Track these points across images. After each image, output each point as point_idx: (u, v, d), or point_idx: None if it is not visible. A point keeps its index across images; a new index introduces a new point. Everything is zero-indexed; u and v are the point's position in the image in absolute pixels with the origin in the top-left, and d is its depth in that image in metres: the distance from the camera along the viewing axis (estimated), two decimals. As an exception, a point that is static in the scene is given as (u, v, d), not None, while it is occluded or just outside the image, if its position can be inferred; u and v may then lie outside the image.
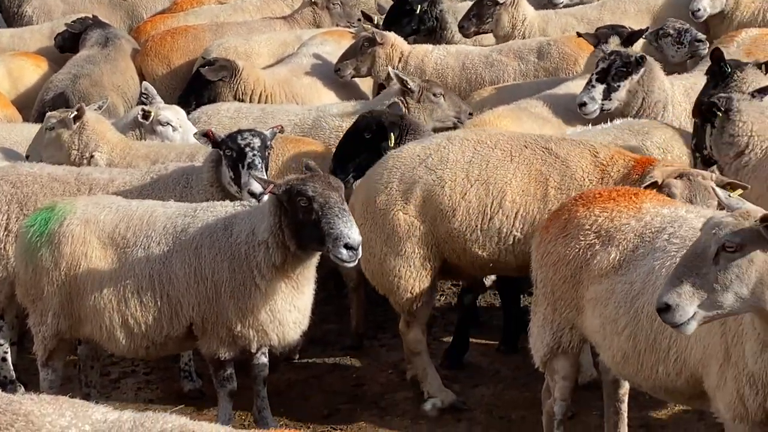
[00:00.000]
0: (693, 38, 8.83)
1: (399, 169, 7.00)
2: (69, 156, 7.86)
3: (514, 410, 6.98)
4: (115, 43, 10.71)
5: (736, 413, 4.96)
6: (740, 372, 4.88)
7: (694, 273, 4.53)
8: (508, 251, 6.82)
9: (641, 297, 5.33)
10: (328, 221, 5.93)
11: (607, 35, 8.81)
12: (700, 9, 9.93)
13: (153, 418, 3.97)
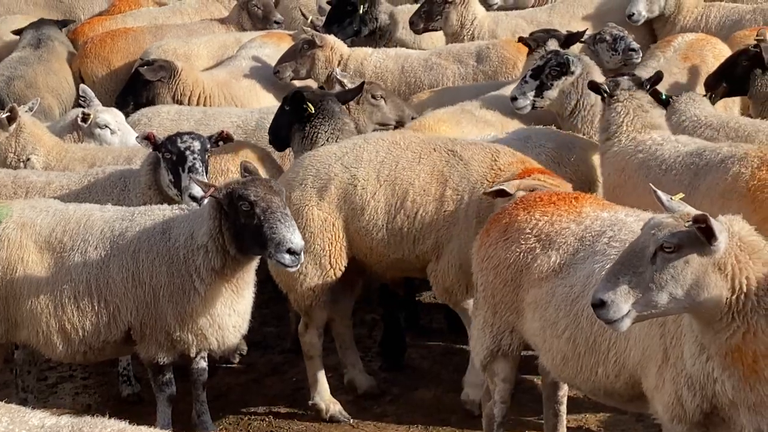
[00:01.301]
0: (627, 47, 8.93)
1: (314, 167, 7.07)
2: (5, 159, 7.79)
3: (454, 414, 7.00)
4: (48, 45, 10.65)
5: (674, 414, 4.99)
6: (678, 373, 4.91)
7: (631, 271, 4.56)
8: (411, 251, 6.88)
9: (581, 300, 5.35)
10: (271, 226, 5.92)
11: (544, 39, 8.89)
12: (634, 13, 10.11)
13: (91, 422, 3.92)
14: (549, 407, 6.34)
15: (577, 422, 6.80)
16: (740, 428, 4.83)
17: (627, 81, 7.33)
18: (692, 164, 6.74)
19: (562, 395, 6.31)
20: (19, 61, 10.43)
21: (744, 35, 9.07)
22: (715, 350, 4.68)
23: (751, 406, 4.73)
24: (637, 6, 10.11)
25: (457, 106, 8.45)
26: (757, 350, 4.65)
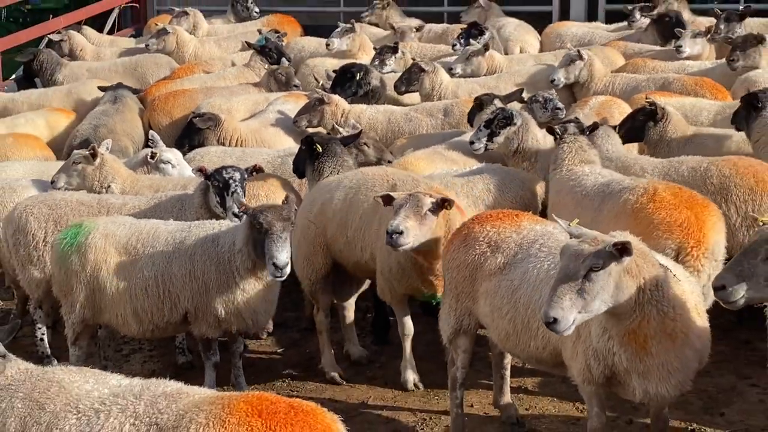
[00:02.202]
0: (554, 106, 9.03)
1: (317, 190, 7.22)
2: (91, 186, 7.80)
3: (427, 376, 7.00)
4: (123, 101, 10.62)
5: (585, 378, 5.07)
6: (587, 347, 4.99)
7: (570, 290, 4.52)
8: (361, 257, 6.89)
9: (519, 291, 5.43)
10: (267, 244, 5.98)
11: (491, 99, 9.00)
12: (555, 79, 10.29)
13: (156, 383, 4.01)
14: (497, 372, 6.41)
15: (518, 383, 6.85)
16: (632, 389, 4.93)
17: (573, 127, 7.42)
18: (601, 192, 6.83)
19: (507, 363, 6.39)
20: (102, 113, 10.43)
21: (640, 98, 9.19)
22: (616, 332, 4.78)
23: (640, 373, 4.84)
24: (557, 74, 10.32)
25: (430, 149, 8.53)
26: (647, 333, 4.75)
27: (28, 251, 7.14)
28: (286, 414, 3.67)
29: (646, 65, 10.88)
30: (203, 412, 3.69)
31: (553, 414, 6.54)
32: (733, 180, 6.98)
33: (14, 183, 7.94)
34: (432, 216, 6.13)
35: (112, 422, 3.76)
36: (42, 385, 3.99)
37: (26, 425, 3.87)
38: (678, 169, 7.30)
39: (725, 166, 7.10)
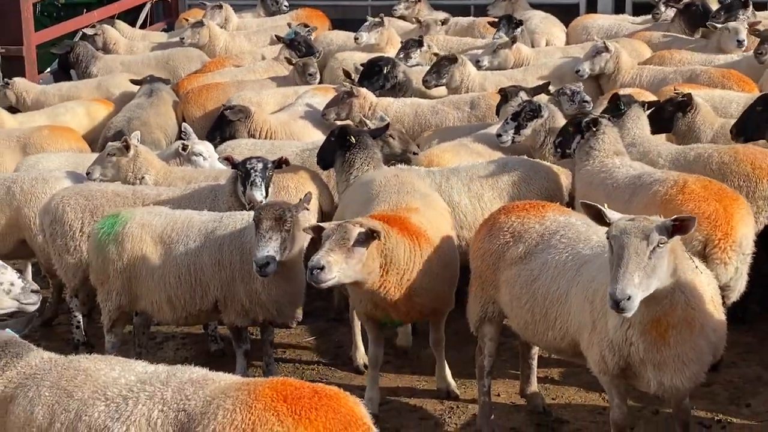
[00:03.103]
0: (581, 99, 8.92)
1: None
2: (125, 177, 7.80)
3: (453, 366, 6.92)
4: (158, 94, 10.64)
5: (600, 368, 5.04)
6: (602, 339, 4.94)
7: (639, 267, 4.41)
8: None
9: (538, 281, 5.40)
10: (255, 239, 5.99)
11: (516, 91, 8.93)
12: (579, 70, 10.20)
13: (182, 369, 4.00)
14: (524, 362, 6.39)
15: (545, 373, 6.80)
16: (647, 381, 4.88)
17: (607, 119, 7.35)
18: (632, 184, 6.77)
19: (534, 353, 6.37)
20: (136, 106, 10.47)
21: (668, 90, 9.08)
22: (639, 320, 4.69)
23: (656, 364, 4.79)
24: (583, 65, 10.24)
25: (456, 141, 8.48)
26: (670, 321, 4.69)
27: (65, 241, 7.19)
28: (311, 398, 3.68)
29: (673, 57, 10.75)
30: (230, 398, 3.69)
31: (579, 403, 6.50)
32: (730, 166, 7.06)
33: (47, 174, 7.99)
34: (361, 248, 5.55)
35: (141, 409, 3.77)
36: (69, 374, 4.01)
37: (54, 413, 3.88)
38: (687, 155, 7.38)
39: (726, 153, 7.17)
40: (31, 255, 7.92)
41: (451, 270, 6.28)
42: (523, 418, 6.31)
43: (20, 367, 4.07)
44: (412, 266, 5.87)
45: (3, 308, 4.82)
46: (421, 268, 5.91)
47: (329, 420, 3.62)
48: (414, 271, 5.89)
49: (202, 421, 3.64)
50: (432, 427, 6.28)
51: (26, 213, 7.72)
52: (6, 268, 4.93)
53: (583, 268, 5.22)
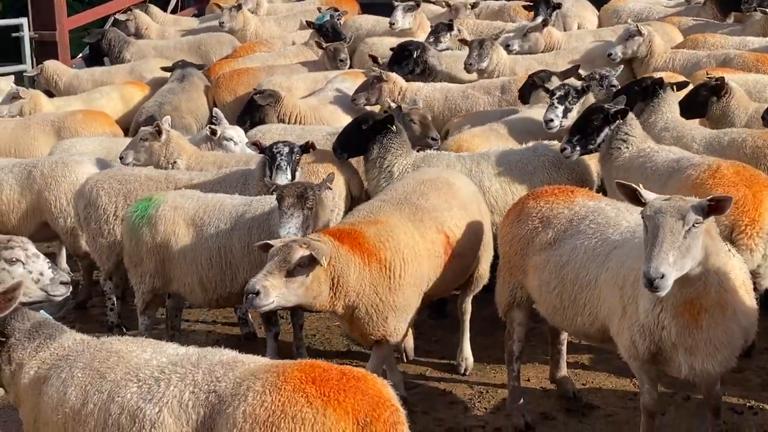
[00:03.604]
0: (609, 84, 8.82)
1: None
2: (157, 161, 7.86)
3: (483, 351, 6.96)
4: (189, 79, 10.72)
5: (630, 354, 5.00)
6: (632, 324, 4.89)
7: (673, 246, 4.37)
8: None
9: (567, 266, 5.36)
10: (277, 216, 6.01)
11: (548, 76, 8.84)
12: (612, 54, 10.12)
13: (212, 351, 4.01)
14: (553, 347, 6.34)
15: (575, 359, 6.78)
16: (678, 365, 4.83)
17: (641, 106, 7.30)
18: (670, 168, 6.71)
19: (563, 338, 6.31)
20: (168, 91, 10.54)
21: (701, 74, 8.96)
22: (672, 302, 4.65)
23: (687, 348, 4.73)
24: (615, 49, 10.17)
25: (486, 126, 8.42)
26: (703, 304, 4.64)
27: (99, 225, 7.25)
28: (339, 380, 3.69)
29: (706, 41, 10.62)
30: (260, 380, 3.70)
31: (610, 389, 6.46)
32: (763, 150, 7.02)
33: (67, 158, 8.08)
34: (304, 271, 5.16)
35: (173, 390, 3.79)
36: (101, 355, 4.03)
37: (87, 394, 3.91)
38: (721, 140, 7.32)
39: (760, 138, 7.11)
40: (55, 237, 8.00)
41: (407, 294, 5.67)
42: (553, 403, 6.28)
43: (53, 349, 4.11)
44: (360, 288, 5.46)
45: (30, 297, 4.85)
46: (369, 289, 5.51)
47: (357, 401, 3.63)
48: (362, 292, 5.48)
49: (233, 403, 3.66)
50: (461, 411, 6.28)
51: (47, 196, 7.84)
52: (38, 257, 4.97)
53: (612, 254, 5.17)
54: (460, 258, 6.07)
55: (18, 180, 7.93)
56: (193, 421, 3.70)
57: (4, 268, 4.88)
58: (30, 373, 4.08)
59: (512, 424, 5.99)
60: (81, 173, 7.80)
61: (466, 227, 6.14)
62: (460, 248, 6.07)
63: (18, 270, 4.91)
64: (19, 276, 4.89)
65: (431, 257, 5.82)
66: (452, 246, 5.99)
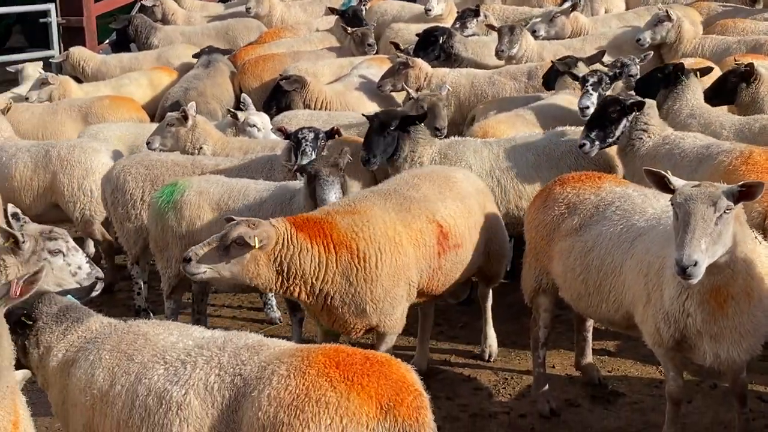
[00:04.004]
0: (628, 73, 8.73)
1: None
2: (184, 147, 7.89)
3: (508, 337, 6.96)
4: (215, 65, 10.75)
5: (654, 341, 4.99)
6: (657, 311, 4.87)
7: (705, 233, 4.32)
8: None
9: (592, 252, 5.34)
10: (316, 189, 6.02)
11: (574, 62, 8.78)
12: (640, 39, 10.06)
13: (238, 335, 4.05)
14: (579, 333, 6.34)
15: (600, 345, 6.76)
16: (703, 353, 4.79)
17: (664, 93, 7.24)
18: (700, 154, 6.63)
19: (589, 325, 6.29)
20: (193, 76, 10.58)
21: (731, 60, 8.87)
22: (698, 289, 4.60)
23: (713, 335, 4.70)
24: (644, 34, 10.08)
25: (512, 112, 8.39)
26: (729, 291, 4.60)
27: (126, 209, 7.31)
28: (362, 365, 3.71)
29: (736, 26, 10.51)
30: (284, 364, 3.73)
31: (636, 376, 6.44)
32: None
33: (84, 143, 8.17)
34: (241, 249, 5.19)
35: (198, 373, 3.82)
36: (128, 338, 4.07)
37: (115, 376, 3.95)
38: (751, 126, 7.22)
39: None
40: (63, 220, 8.06)
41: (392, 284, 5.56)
42: (578, 390, 6.27)
43: (81, 332, 4.16)
44: (324, 277, 5.39)
45: (64, 287, 4.96)
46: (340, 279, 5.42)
47: (381, 385, 3.65)
48: (329, 282, 5.41)
49: (258, 386, 3.68)
50: (485, 397, 6.28)
51: (60, 178, 7.95)
52: (77, 251, 5.11)
53: (637, 241, 5.15)
54: (459, 249, 5.91)
55: (34, 159, 8.06)
56: (218, 404, 3.73)
57: (45, 258, 4.98)
58: (58, 356, 4.13)
59: (537, 410, 5.99)
60: (96, 161, 7.92)
61: (464, 219, 5.96)
62: (458, 239, 5.89)
63: (58, 261, 5.04)
64: (59, 267, 5.04)
65: (419, 246, 5.68)
66: (447, 236, 5.83)
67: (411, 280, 5.67)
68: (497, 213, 6.44)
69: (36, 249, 5.02)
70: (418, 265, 5.70)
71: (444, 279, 5.91)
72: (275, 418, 3.58)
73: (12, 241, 4.99)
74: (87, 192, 7.95)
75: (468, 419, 5.97)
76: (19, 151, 8.16)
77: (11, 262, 4.96)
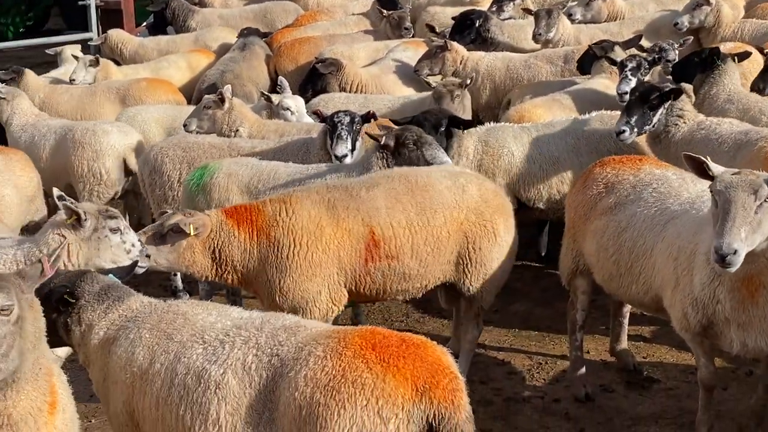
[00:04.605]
0: (666, 58, 8.61)
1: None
2: (220, 129, 7.91)
3: (542, 322, 6.95)
4: (251, 48, 10.78)
5: (682, 326, 4.96)
6: (685, 296, 4.84)
7: (745, 222, 4.28)
8: None
9: (625, 233, 5.32)
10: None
11: (612, 46, 8.69)
12: (678, 23, 9.93)
13: (275, 315, 4.08)
14: (615, 319, 6.33)
15: (636, 331, 6.74)
16: (730, 341, 4.75)
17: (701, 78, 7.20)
18: (738, 140, 6.54)
19: (626, 311, 6.27)
20: (230, 59, 10.62)
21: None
22: (730, 277, 4.55)
23: (741, 323, 4.65)
24: (682, 18, 9.96)
25: (549, 96, 8.34)
26: (762, 281, 4.54)
27: (163, 191, 7.36)
28: (398, 347, 3.71)
29: (779, 10, 10.33)
30: (321, 345, 3.74)
31: (671, 363, 6.42)
32: None
33: (98, 126, 8.23)
34: (176, 238, 5.32)
35: (236, 353, 3.85)
36: (168, 317, 4.11)
37: (154, 354, 3.99)
38: None
39: None
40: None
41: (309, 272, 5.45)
42: (613, 376, 6.25)
43: (122, 311, 4.21)
44: (248, 264, 5.44)
45: (118, 264, 5.17)
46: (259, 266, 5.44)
47: (416, 368, 3.65)
48: (253, 269, 5.44)
49: (294, 367, 3.70)
50: (519, 381, 6.28)
51: (73, 160, 8.05)
52: (130, 230, 5.30)
53: (669, 224, 5.13)
54: (392, 261, 5.53)
55: (56, 140, 8.24)
56: (255, 383, 3.76)
57: (106, 236, 5.20)
58: (99, 334, 4.18)
59: (572, 394, 5.98)
60: (105, 143, 8.00)
61: (412, 232, 5.56)
62: (394, 251, 5.52)
63: (116, 239, 5.25)
64: (116, 245, 5.24)
65: (343, 247, 5.48)
66: (379, 245, 5.51)
67: (331, 278, 5.48)
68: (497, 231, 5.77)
69: (97, 226, 5.23)
70: (341, 266, 5.49)
71: (376, 286, 5.60)
72: (312, 399, 3.60)
73: (74, 218, 5.19)
74: (96, 174, 8.04)
75: (502, 403, 5.98)
76: (49, 131, 8.34)
77: (73, 239, 5.16)
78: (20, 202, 7.29)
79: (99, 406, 5.75)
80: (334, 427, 3.55)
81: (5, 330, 3.21)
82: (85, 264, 5.20)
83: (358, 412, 3.56)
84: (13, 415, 3.29)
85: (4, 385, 3.27)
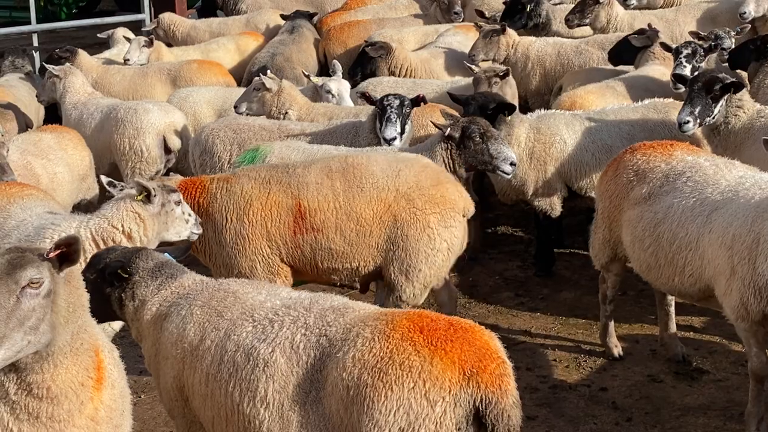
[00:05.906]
0: (721, 45, 8.47)
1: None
2: (269, 111, 7.96)
3: (590, 311, 6.90)
4: (300, 31, 10.84)
5: (739, 315, 4.92)
6: (745, 284, 4.79)
7: None
8: None
9: (662, 224, 5.30)
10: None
11: (655, 33, 8.59)
12: (745, 12, 9.63)
13: (324, 296, 4.10)
14: (661, 308, 6.27)
15: (685, 321, 6.67)
16: None
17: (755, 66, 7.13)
18: None
19: (670, 300, 6.21)
20: (279, 42, 10.68)
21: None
22: None
23: None
24: (748, 7, 9.60)
25: (602, 83, 8.29)
26: None
27: (214, 172, 7.41)
28: (446, 330, 3.71)
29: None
30: (369, 327, 3.76)
31: (721, 353, 6.35)
32: None
33: (139, 106, 8.33)
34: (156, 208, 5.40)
35: (285, 332, 3.88)
36: (219, 295, 4.16)
37: (205, 331, 4.04)
38: None
39: None
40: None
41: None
42: (661, 366, 6.20)
43: (174, 288, 4.27)
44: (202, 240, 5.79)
45: (181, 236, 5.42)
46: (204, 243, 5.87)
47: (464, 351, 3.64)
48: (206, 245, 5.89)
49: (342, 348, 3.72)
50: (566, 369, 6.26)
51: (115, 138, 8.18)
52: (183, 201, 5.49)
53: (714, 215, 5.09)
54: (317, 233, 5.69)
55: (101, 119, 8.39)
56: (303, 363, 3.78)
57: (172, 209, 5.42)
58: (152, 309, 4.26)
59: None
60: (146, 120, 8.11)
61: (337, 207, 5.70)
62: (318, 224, 5.69)
63: (178, 210, 5.48)
64: (179, 216, 5.46)
65: (272, 219, 5.71)
66: (305, 215, 5.69)
67: (263, 250, 5.73)
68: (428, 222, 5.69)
69: (164, 201, 5.42)
70: (270, 237, 5.72)
71: (308, 260, 5.75)
72: (359, 380, 3.62)
73: (144, 195, 5.35)
74: (138, 151, 8.15)
75: (548, 390, 5.97)
76: (96, 109, 8.48)
77: (145, 215, 5.35)
78: (72, 180, 7.43)
79: (148, 382, 5.86)
80: (381, 408, 3.57)
81: (34, 303, 3.19)
82: (155, 238, 5.39)
83: (405, 394, 3.57)
84: (52, 389, 3.29)
85: (39, 358, 3.25)
